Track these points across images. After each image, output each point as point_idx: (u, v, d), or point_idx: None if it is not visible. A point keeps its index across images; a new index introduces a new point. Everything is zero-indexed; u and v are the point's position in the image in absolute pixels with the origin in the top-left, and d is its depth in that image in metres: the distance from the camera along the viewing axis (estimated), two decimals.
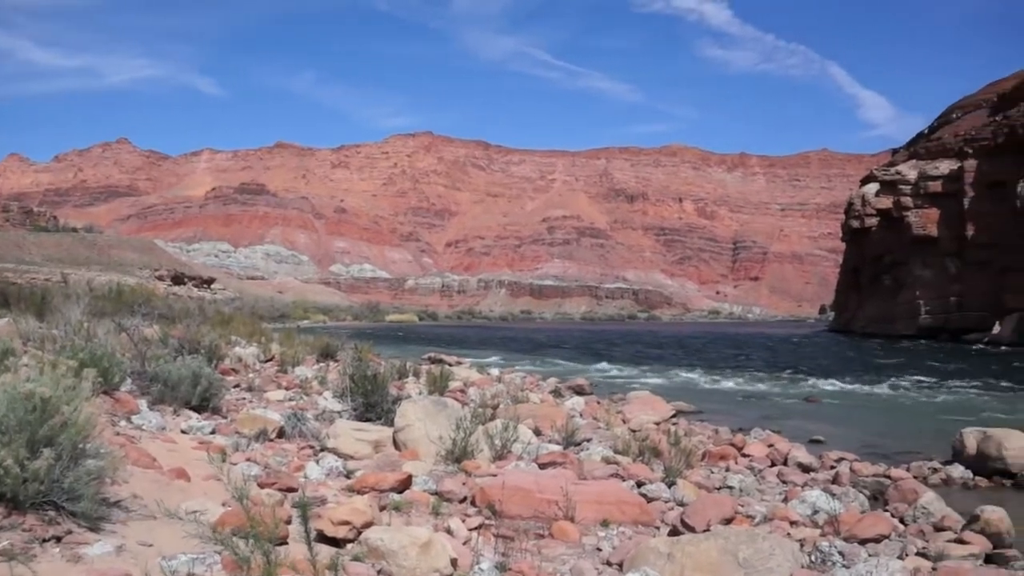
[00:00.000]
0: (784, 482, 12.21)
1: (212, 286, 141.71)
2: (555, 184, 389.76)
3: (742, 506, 9.62)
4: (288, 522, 6.44)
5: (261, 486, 7.86)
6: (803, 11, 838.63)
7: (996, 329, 79.71)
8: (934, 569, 7.81)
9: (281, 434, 11.09)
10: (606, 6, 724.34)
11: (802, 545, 7.81)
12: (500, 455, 10.68)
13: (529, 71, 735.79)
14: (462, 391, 19.19)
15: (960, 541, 9.00)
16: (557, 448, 11.88)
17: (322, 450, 10.32)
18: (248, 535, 4.77)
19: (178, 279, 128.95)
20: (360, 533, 6.40)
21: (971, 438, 15.08)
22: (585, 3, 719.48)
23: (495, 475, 9.07)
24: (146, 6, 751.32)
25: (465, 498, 8.49)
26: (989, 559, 8.75)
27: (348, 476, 9.18)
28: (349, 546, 6.33)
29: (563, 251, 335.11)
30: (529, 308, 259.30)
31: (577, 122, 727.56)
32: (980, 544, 8.92)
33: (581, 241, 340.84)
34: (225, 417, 12.06)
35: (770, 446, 15.05)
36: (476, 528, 7.53)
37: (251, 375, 18.36)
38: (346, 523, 6.54)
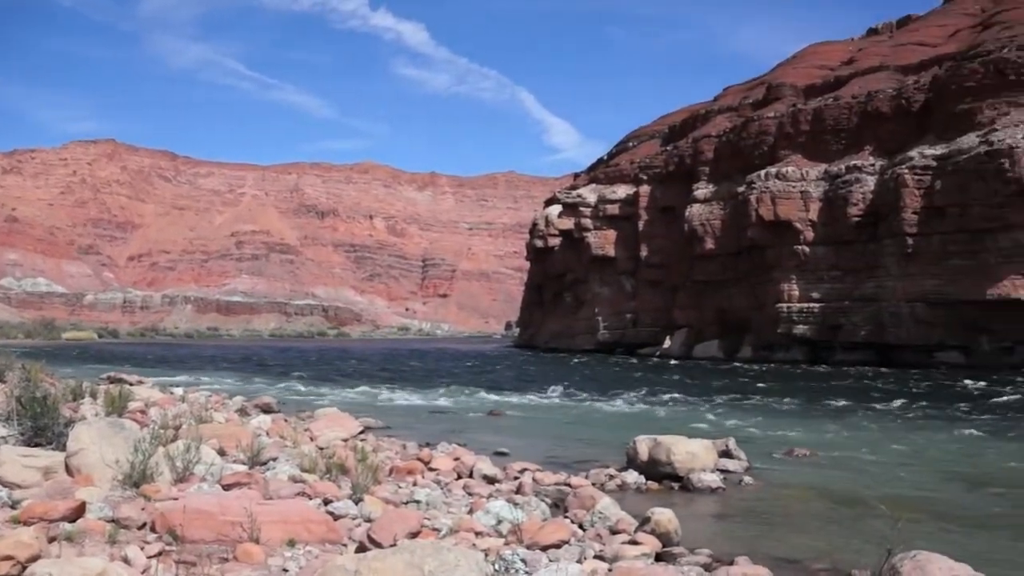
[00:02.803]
0: (470, 494, 12.47)
1: None
2: (244, 198, 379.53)
3: (428, 520, 9.75)
4: None
5: None
6: (497, 38, 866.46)
7: (667, 343, 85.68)
8: (610, 570, 8.25)
9: None
10: (303, 20, 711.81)
11: (487, 555, 8.02)
12: (182, 477, 10.28)
13: (221, 80, 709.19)
14: (143, 412, 18.27)
15: (633, 542, 9.60)
16: (242, 468, 11.57)
17: None
18: None
19: None
20: (25, 568, 6.00)
21: (643, 445, 16.09)
22: (281, 15, 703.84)
23: (176, 499, 8.73)
24: None
25: (144, 524, 8.10)
26: (659, 557, 9.42)
27: (14, 507, 8.53)
28: None
29: (252, 267, 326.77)
30: (216, 325, 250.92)
31: (269, 135, 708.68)
32: (651, 544, 9.56)
33: (271, 257, 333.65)
34: None
35: (456, 459, 15.33)
36: (156, 555, 7.21)
37: None
38: (9, 558, 6.11)
